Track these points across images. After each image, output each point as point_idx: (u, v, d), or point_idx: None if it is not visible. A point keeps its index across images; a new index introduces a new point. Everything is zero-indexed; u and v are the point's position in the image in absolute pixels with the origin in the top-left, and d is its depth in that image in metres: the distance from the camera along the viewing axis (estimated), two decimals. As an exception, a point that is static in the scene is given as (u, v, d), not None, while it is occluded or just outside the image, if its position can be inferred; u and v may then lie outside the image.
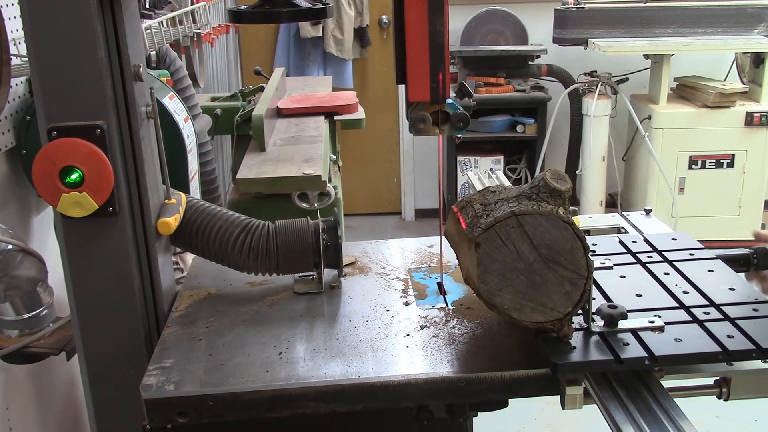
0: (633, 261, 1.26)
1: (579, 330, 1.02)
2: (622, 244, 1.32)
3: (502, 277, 0.98)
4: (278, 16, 1.29)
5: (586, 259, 0.97)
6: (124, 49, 1.11)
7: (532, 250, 0.97)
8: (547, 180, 0.98)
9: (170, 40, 2.54)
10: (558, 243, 0.96)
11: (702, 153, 4.25)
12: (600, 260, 1.24)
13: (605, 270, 1.22)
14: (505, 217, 0.96)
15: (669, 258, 1.25)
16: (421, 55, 1.10)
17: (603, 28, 4.42)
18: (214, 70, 3.89)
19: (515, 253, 0.97)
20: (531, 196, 0.98)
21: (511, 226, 0.96)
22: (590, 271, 0.97)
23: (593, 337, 1.01)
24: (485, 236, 0.97)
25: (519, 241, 0.97)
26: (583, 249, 0.97)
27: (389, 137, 5.39)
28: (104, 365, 1.19)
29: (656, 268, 1.22)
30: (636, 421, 0.88)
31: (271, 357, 1.08)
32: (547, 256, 0.96)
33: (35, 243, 1.85)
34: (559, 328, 1.00)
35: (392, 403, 1.03)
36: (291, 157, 2.24)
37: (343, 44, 4.98)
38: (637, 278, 1.20)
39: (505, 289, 0.98)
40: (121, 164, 1.13)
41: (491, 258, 0.98)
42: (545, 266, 0.97)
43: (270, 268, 1.27)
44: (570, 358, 0.97)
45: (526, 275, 0.97)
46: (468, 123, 1.16)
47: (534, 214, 0.96)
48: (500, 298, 0.99)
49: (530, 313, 0.99)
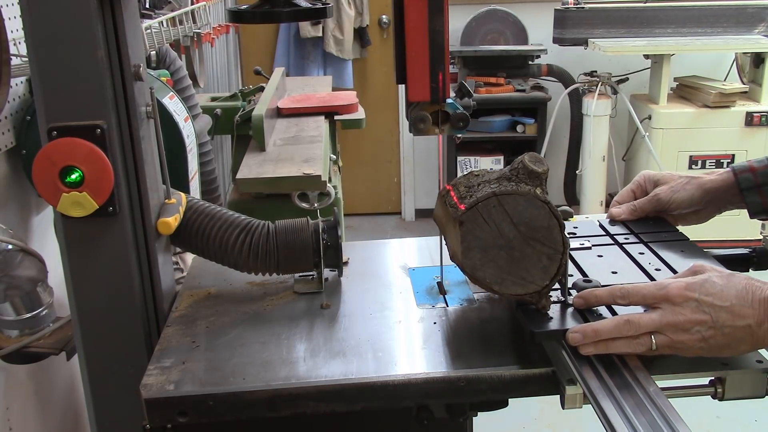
0: (611, 242, 1.32)
1: (556, 303, 1.08)
2: (601, 227, 1.38)
3: (484, 253, 1.04)
4: (278, 16, 1.29)
5: (562, 235, 1.03)
6: (124, 49, 1.11)
7: (511, 228, 1.03)
8: (525, 163, 1.04)
9: (170, 40, 2.54)
10: (536, 221, 1.03)
11: (702, 153, 4.25)
12: (579, 241, 1.30)
13: (584, 250, 1.28)
14: (486, 197, 1.03)
15: (644, 239, 1.31)
16: (421, 55, 1.10)
17: (603, 28, 4.42)
18: (214, 70, 3.89)
19: (496, 231, 1.03)
20: (511, 178, 1.05)
21: (492, 206, 1.03)
22: (566, 247, 1.04)
23: (569, 309, 1.07)
24: (468, 215, 1.03)
25: (500, 220, 1.03)
26: (559, 226, 1.03)
27: (389, 137, 5.39)
28: (104, 365, 1.19)
29: (632, 249, 1.27)
30: (630, 421, 0.89)
31: (271, 357, 1.08)
32: (526, 233, 1.03)
33: (35, 243, 1.85)
34: (537, 300, 1.06)
35: (392, 403, 1.03)
36: (291, 157, 2.24)
37: (343, 44, 4.98)
38: (614, 257, 1.25)
39: (487, 264, 1.05)
40: (121, 164, 1.13)
41: (474, 235, 1.04)
42: (524, 242, 1.03)
43: (270, 268, 1.27)
44: (547, 326, 1.04)
45: (506, 251, 1.04)
46: (468, 123, 1.16)
47: (513, 195, 1.02)
48: (482, 273, 1.05)
49: (510, 286, 1.05)
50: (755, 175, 1.29)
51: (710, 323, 0.95)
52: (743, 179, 1.30)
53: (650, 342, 0.97)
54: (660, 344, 0.97)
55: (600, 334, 0.98)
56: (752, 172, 1.30)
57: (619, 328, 0.98)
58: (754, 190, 1.29)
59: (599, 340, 0.98)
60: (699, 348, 0.97)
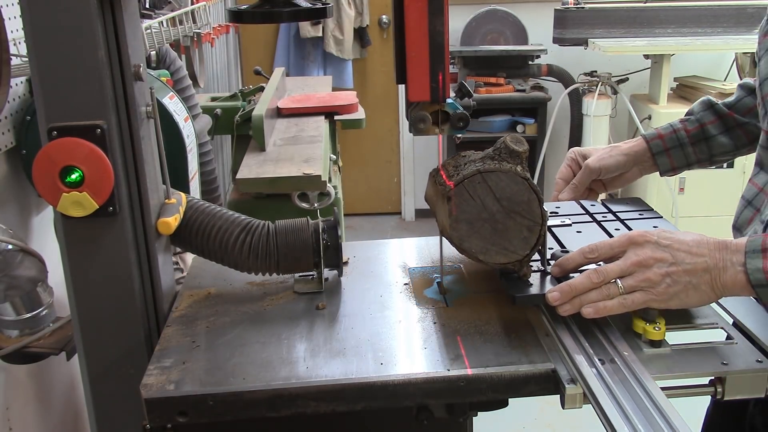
0: (589, 220, 1.43)
1: (537, 272, 1.19)
2: (581, 207, 1.50)
3: (470, 226, 1.14)
4: (278, 16, 1.29)
5: (541, 209, 1.13)
6: (124, 49, 1.11)
7: (495, 202, 1.13)
8: (507, 143, 1.14)
9: (170, 40, 2.54)
10: (516, 196, 1.12)
11: (702, 153, 4.24)
12: (560, 219, 1.42)
13: (564, 227, 1.39)
14: (472, 174, 1.12)
15: (621, 217, 1.43)
16: (421, 55, 1.10)
17: (603, 28, 4.42)
18: (214, 70, 3.90)
19: (481, 205, 1.13)
20: (494, 157, 1.15)
21: (477, 182, 1.12)
22: (544, 220, 1.14)
23: (548, 277, 1.18)
24: (455, 191, 1.13)
25: (484, 195, 1.13)
26: (538, 201, 1.13)
27: (389, 137, 5.39)
28: (104, 365, 1.19)
29: (609, 225, 1.40)
30: (630, 421, 0.89)
31: (271, 357, 1.08)
32: (508, 207, 1.13)
33: (35, 243, 1.86)
34: (519, 269, 1.16)
35: (392, 403, 1.03)
36: (291, 157, 2.24)
37: (343, 44, 4.98)
38: (591, 233, 1.37)
39: (473, 236, 1.14)
40: (121, 164, 1.13)
41: (460, 209, 1.13)
42: (506, 216, 1.13)
43: (270, 268, 1.27)
44: (527, 292, 1.14)
45: (490, 223, 1.14)
46: (468, 123, 1.16)
47: (496, 172, 1.12)
48: (469, 244, 1.15)
49: (494, 255, 1.15)
50: (663, 141, 1.50)
51: (670, 260, 1.04)
52: (654, 145, 1.50)
53: (617, 288, 1.05)
54: (627, 286, 1.05)
55: (575, 288, 1.07)
56: (660, 139, 1.50)
57: (590, 278, 1.07)
58: (664, 153, 1.50)
59: (574, 296, 1.07)
60: (666, 285, 1.03)
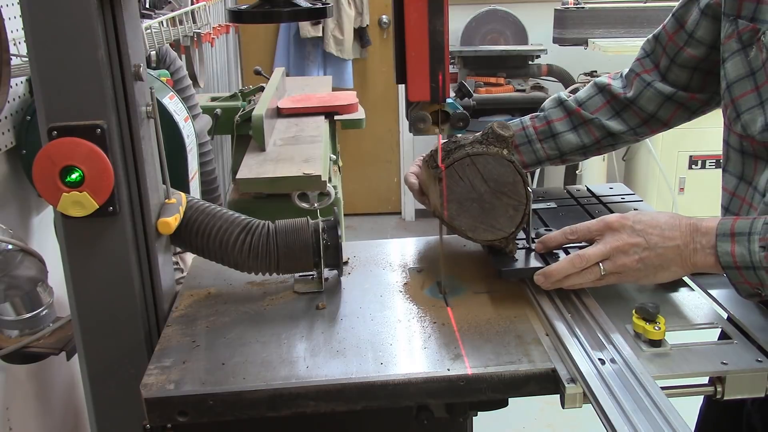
0: (574, 203, 1.53)
1: (522, 249, 1.27)
2: (567, 192, 1.60)
3: (459, 205, 1.22)
4: (278, 16, 1.29)
5: (526, 190, 1.21)
6: (124, 49, 1.11)
7: (482, 183, 1.21)
8: (494, 129, 1.22)
9: (170, 40, 2.54)
10: (503, 177, 1.20)
11: (702, 153, 4.24)
12: (546, 203, 1.52)
13: (550, 210, 1.49)
14: (461, 157, 1.20)
15: (603, 201, 1.53)
16: (421, 55, 1.10)
17: (603, 28, 4.42)
18: (214, 70, 3.89)
19: (470, 186, 1.21)
20: (482, 141, 1.22)
21: (466, 165, 1.20)
22: (529, 199, 1.22)
23: (533, 253, 1.26)
24: (446, 173, 1.21)
25: (472, 176, 1.21)
26: (523, 182, 1.21)
27: (389, 137, 5.39)
28: (104, 365, 1.19)
29: (591, 208, 1.49)
30: (630, 421, 0.89)
31: (271, 356, 1.08)
32: (495, 187, 1.21)
33: (35, 243, 1.85)
34: (505, 245, 1.25)
35: (392, 403, 1.03)
36: (291, 157, 2.24)
37: (343, 44, 4.98)
38: (575, 215, 1.46)
39: (463, 215, 1.23)
40: (121, 164, 1.13)
41: (451, 190, 1.21)
42: (493, 196, 1.21)
43: (270, 268, 1.27)
44: (513, 266, 1.23)
45: (478, 203, 1.22)
46: (468, 122, 1.17)
47: (484, 155, 1.20)
48: (459, 222, 1.23)
49: (482, 233, 1.24)
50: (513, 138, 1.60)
51: (644, 245, 1.11)
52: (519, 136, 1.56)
53: (599, 270, 1.12)
54: (607, 269, 1.13)
55: (559, 272, 1.15)
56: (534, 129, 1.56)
57: (573, 263, 1.14)
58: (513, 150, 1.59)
59: (558, 279, 1.15)
60: (637, 269, 1.12)
